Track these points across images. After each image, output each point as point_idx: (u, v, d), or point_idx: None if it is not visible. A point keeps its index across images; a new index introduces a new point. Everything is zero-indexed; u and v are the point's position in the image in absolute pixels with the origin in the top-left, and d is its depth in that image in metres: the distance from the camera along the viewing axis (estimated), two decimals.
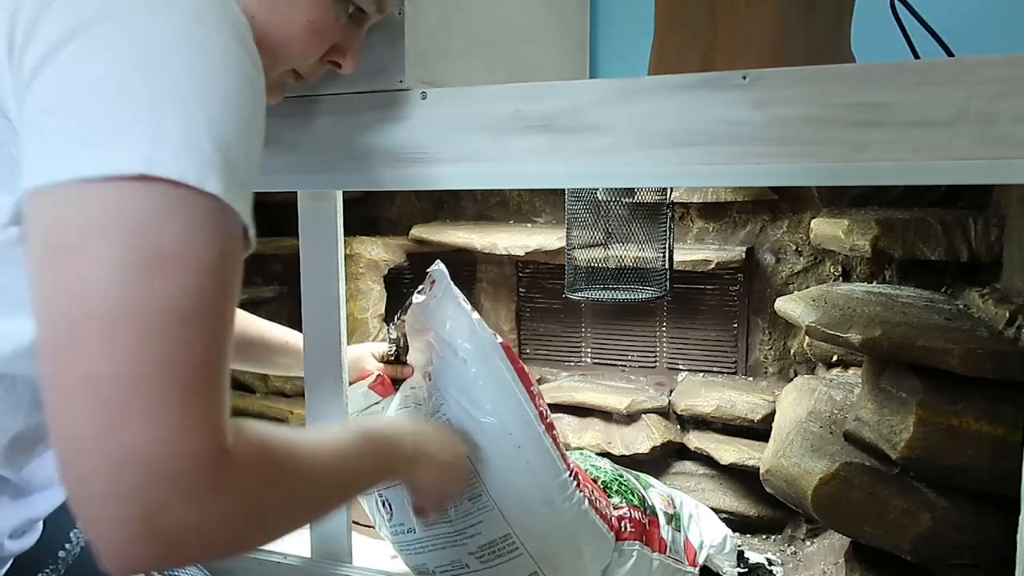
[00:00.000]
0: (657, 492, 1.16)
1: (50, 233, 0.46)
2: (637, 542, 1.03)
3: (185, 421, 0.45)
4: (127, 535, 0.45)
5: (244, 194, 0.52)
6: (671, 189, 1.44)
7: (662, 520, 1.09)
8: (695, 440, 1.49)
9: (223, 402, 0.48)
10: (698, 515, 1.19)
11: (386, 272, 1.73)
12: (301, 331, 1.04)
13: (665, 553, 1.07)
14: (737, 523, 1.43)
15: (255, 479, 0.51)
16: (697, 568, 1.11)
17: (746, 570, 1.22)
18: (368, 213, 1.86)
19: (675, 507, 1.15)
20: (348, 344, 1.05)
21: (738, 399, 1.46)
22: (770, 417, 1.37)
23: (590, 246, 1.46)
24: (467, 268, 1.80)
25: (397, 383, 1.08)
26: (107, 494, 0.44)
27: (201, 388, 0.47)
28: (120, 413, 0.44)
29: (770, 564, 1.28)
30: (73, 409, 0.45)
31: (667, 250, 1.44)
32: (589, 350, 1.73)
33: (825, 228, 1.36)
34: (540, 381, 1.72)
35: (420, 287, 1.02)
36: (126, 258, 0.45)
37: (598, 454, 1.48)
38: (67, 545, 0.84)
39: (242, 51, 0.55)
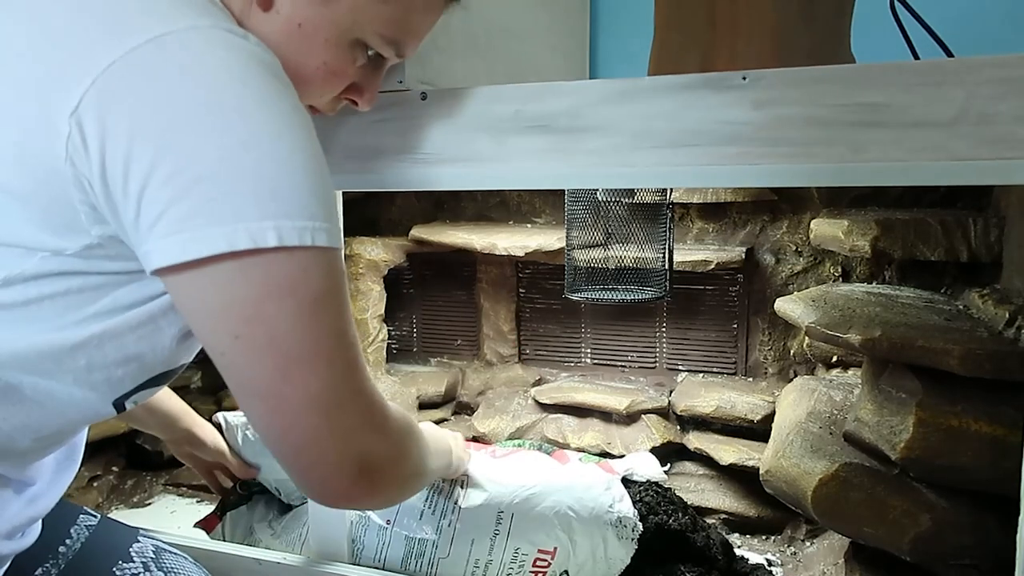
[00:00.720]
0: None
1: (231, 308, 0.61)
2: None
3: (371, 401, 0.66)
4: (357, 487, 0.66)
5: (337, 222, 0.66)
6: (671, 190, 1.44)
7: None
8: (695, 440, 1.49)
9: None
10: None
11: (386, 272, 1.73)
12: None
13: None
14: (737, 523, 1.43)
15: (403, 431, 0.72)
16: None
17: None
18: (368, 213, 1.86)
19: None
20: None
21: (738, 399, 1.46)
22: (770, 418, 1.37)
23: (590, 246, 1.46)
24: (467, 268, 1.80)
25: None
26: (340, 469, 0.65)
27: (364, 372, 0.66)
28: (337, 412, 0.64)
29: (770, 565, 1.28)
30: (300, 424, 0.63)
31: (667, 250, 1.44)
32: (589, 350, 1.73)
33: (825, 228, 1.36)
34: (540, 381, 1.72)
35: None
36: (297, 310, 0.61)
37: (597, 454, 1.48)
38: (67, 541, 0.84)
39: (294, 99, 0.64)
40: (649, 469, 1.23)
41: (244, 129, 0.58)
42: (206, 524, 1.18)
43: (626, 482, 1.17)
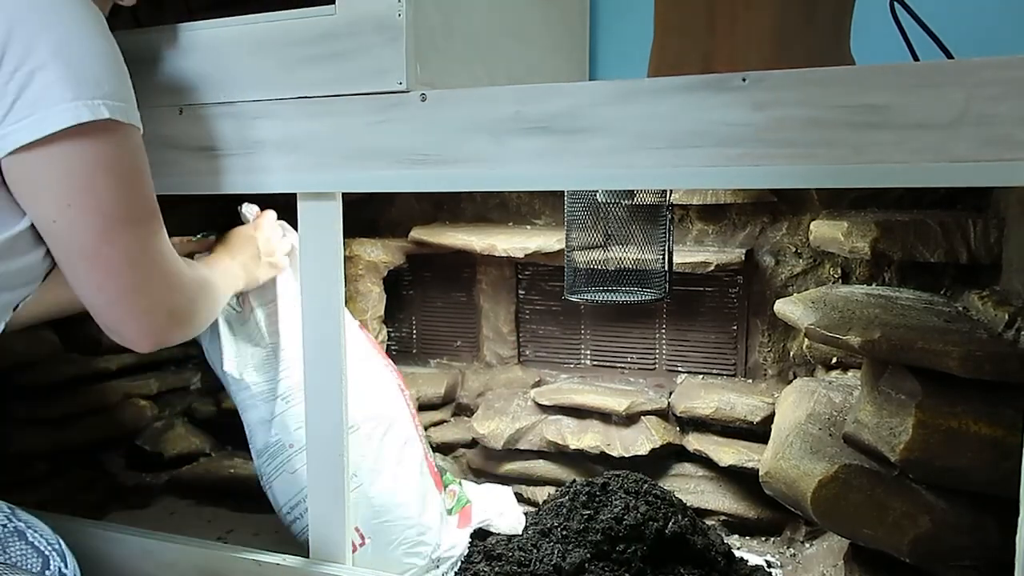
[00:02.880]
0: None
1: (68, 179, 0.77)
2: None
3: (172, 259, 0.88)
4: (163, 331, 0.88)
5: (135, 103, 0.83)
6: (670, 191, 1.44)
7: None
8: (694, 442, 1.49)
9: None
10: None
11: (385, 274, 1.73)
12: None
13: None
14: (736, 525, 1.43)
15: (197, 282, 0.94)
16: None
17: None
18: (367, 215, 1.86)
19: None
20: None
21: (737, 401, 1.46)
22: (769, 419, 1.37)
23: (590, 248, 1.46)
24: (466, 270, 1.80)
25: None
26: (150, 316, 0.85)
27: (166, 237, 0.88)
28: (148, 268, 0.84)
29: (769, 566, 1.28)
30: (118, 278, 0.81)
31: (666, 252, 1.44)
32: (588, 352, 1.73)
33: (824, 230, 1.36)
34: (540, 383, 1.72)
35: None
36: (119, 180, 0.80)
37: (596, 455, 1.49)
38: None
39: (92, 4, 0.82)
40: (509, 520, 1.32)
41: (64, 28, 0.76)
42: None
43: (482, 532, 1.28)
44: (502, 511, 1.30)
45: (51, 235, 0.80)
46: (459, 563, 1.20)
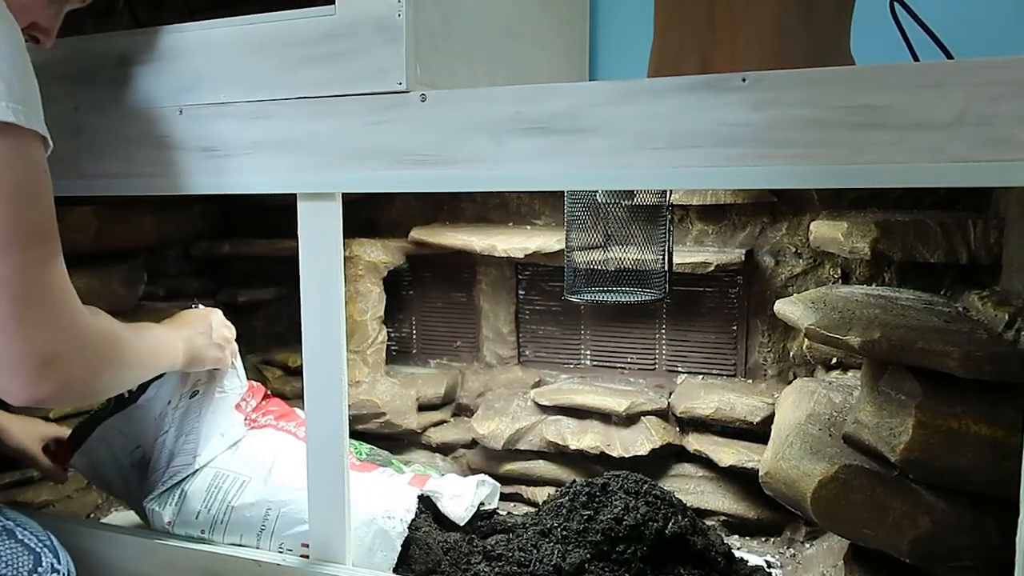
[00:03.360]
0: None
1: None
2: None
3: (62, 299, 0.75)
4: (37, 384, 0.72)
5: (41, 114, 0.75)
6: (670, 191, 1.44)
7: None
8: (694, 442, 1.49)
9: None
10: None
11: (385, 274, 1.73)
12: (300, 333, 1.03)
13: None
14: (736, 525, 1.43)
15: (97, 333, 0.79)
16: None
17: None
18: (367, 215, 1.86)
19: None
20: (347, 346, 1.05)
21: (737, 401, 1.46)
22: (769, 419, 1.37)
23: (589, 248, 1.46)
24: (466, 270, 1.80)
25: None
26: (23, 362, 0.71)
27: (59, 270, 0.76)
28: (24, 303, 0.71)
29: (769, 567, 1.28)
30: None
31: (666, 252, 1.44)
32: (588, 352, 1.73)
33: (824, 230, 1.36)
34: (539, 383, 1.72)
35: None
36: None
37: (596, 455, 1.49)
38: None
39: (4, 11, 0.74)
40: (461, 503, 1.30)
41: None
42: (56, 458, 1.22)
43: (427, 500, 1.26)
44: (457, 494, 1.29)
45: None
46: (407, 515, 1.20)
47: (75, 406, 0.87)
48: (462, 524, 1.25)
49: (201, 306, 1.15)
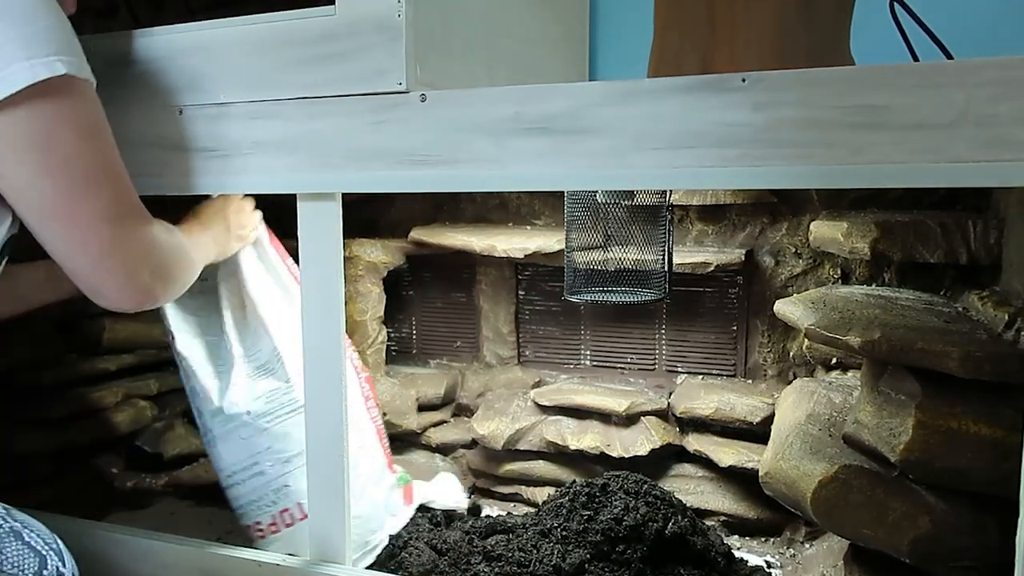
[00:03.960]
0: None
1: (30, 138, 0.78)
2: None
3: (144, 215, 0.88)
4: (147, 289, 0.87)
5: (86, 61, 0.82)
6: (670, 191, 1.44)
7: None
8: (694, 442, 1.49)
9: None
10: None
11: (385, 274, 1.73)
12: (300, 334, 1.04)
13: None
14: (736, 526, 1.43)
15: (171, 242, 0.93)
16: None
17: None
18: (367, 215, 1.86)
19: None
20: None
21: (737, 401, 1.46)
22: (769, 419, 1.37)
23: (589, 248, 1.46)
24: (466, 270, 1.80)
25: None
26: (134, 274, 0.85)
27: (134, 191, 0.87)
28: (121, 224, 0.83)
29: (769, 567, 1.28)
30: (94, 236, 0.81)
31: (666, 252, 1.44)
32: (588, 352, 1.73)
33: (824, 230, 1.36)
34: (539, 383, 1.72)
35: None
36: (80, 135, 0.81)
37: (596, 456, 1.48)
38: None
39: None
40: (450, 498, 1.37)
41: None
42: None
43: (424, 508, 1.32)
44: (444, 490, 1.34)
45: (21, 200, 0.79)
46: (402, 534, 1.24)
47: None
48: (467, 508, 1.30)
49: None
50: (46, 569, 0.88)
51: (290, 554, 1.09)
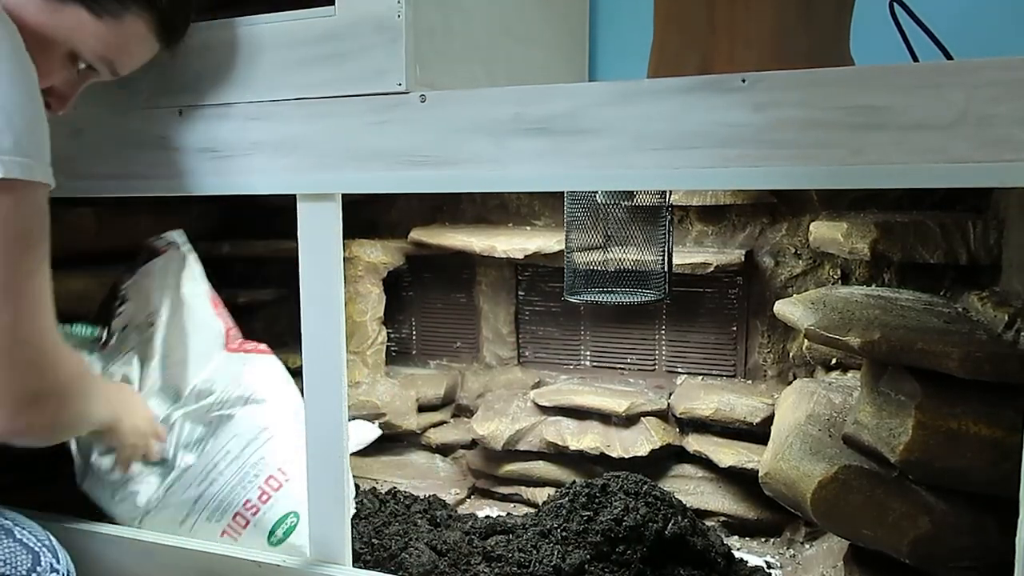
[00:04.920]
0: None
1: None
2: None
3: (51, 342, 0.80)
4: (21, 420, 0.79)
5: (48, 162, 0.78)
6: (670, 192, 1.44)
7: None
8: (694, 443, 1.49)
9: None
10: None
11: (385, 275, 1.73)
12: (300, 334, 1.03)
13: None
14: (736, 526, 1.43)
15: (75, 376, 0.85)
16: None
17: None
18: (367, 216, 1.86)
19: None
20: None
21: (737, 402, 1.46)
22: (769, 420, 1.37)
23: (589, 249, 1.46)
24: (466, 271, 1.80)
25: None
26: (12, 400, 0.76)
27: (50, 314, 0.80)
28: (19, 347, 0.76)
29: (769, 567, 1.28)
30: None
31: (666, 253, 1.44)
32: (588, 353, 1.73)
33: (824, 231, 1.36)
34: (539, 384, 1.72)
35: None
36: (3, 244, 0.74)
37: (596, 456, 1.48)
38: None
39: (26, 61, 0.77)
40: (361, 438, 1.37)
41: None
42: None
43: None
44: (353, 432, 1.33)
45: None
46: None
47: (39, 445, 0.90)
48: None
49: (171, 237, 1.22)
50: (39, 566, 0.88)
51: (291, 512, 1.10)
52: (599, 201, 1.42)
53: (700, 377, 1.64)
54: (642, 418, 1.53)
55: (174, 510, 1.12)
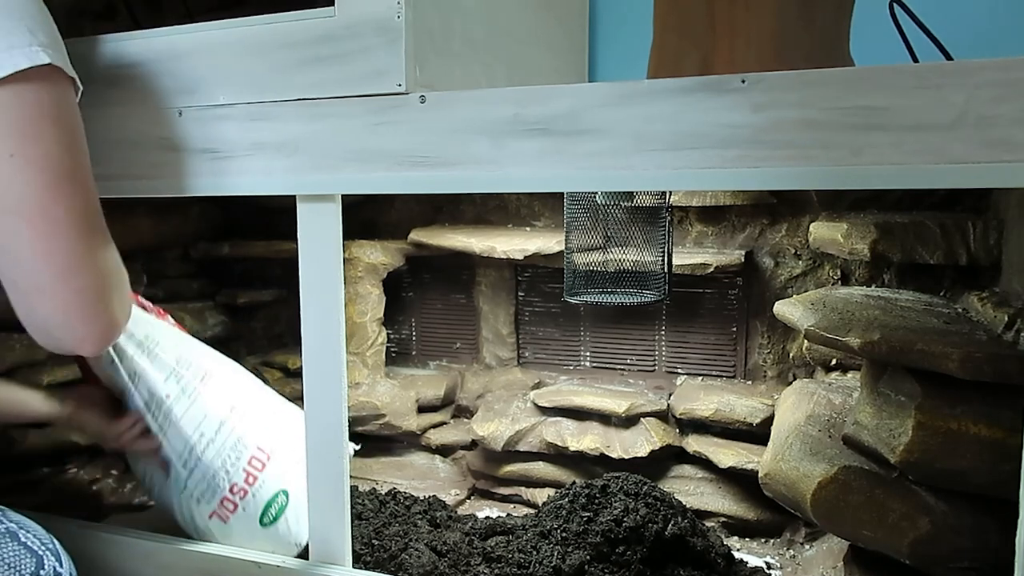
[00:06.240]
0: None
1: (10, 127, 0.73)
2: None
3: (110, 241, 0.83)
4: (111, 311, 0.79)
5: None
6: (670, 193, 1.44)
7: None
8: (694, 444, 1.49)
9: None
10: None
11: (385, 276, 1.73)
12: (300, 335, 1.03)
13: None
14: (736, 527, 1.43)
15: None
16: None
17: None
18: (367, 217, 1.86)
19: None
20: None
21: (737, 403, 1.46)
22: (769, 421, 1.37)
23: (589, 250, 1.46)
24: (466, 272, 1.80)
25: None
26: (103, 291, 0.78)
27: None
28: (92, 235, 0.78)
29: (769, 568, 1.28)
30: (66, 245, 0.74)
31: (666, 254, 1.44)
32: (588, 354, 1.73)
33: (824, 232, 1.36)
34: (539, 385, 1.72)
35: None
36: (63, 132, 0.76)
37: (596, 457, 1.49)
38: None
39: None
40: None
41: None
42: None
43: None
44: None
45: None
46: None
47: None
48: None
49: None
50: (43, 569, 0.88)
51: (280, 491, 1.11)
52: (599, 202, 1.42)
53: (700, 378, 1.64)
54: (642, 419, 1.53)
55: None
